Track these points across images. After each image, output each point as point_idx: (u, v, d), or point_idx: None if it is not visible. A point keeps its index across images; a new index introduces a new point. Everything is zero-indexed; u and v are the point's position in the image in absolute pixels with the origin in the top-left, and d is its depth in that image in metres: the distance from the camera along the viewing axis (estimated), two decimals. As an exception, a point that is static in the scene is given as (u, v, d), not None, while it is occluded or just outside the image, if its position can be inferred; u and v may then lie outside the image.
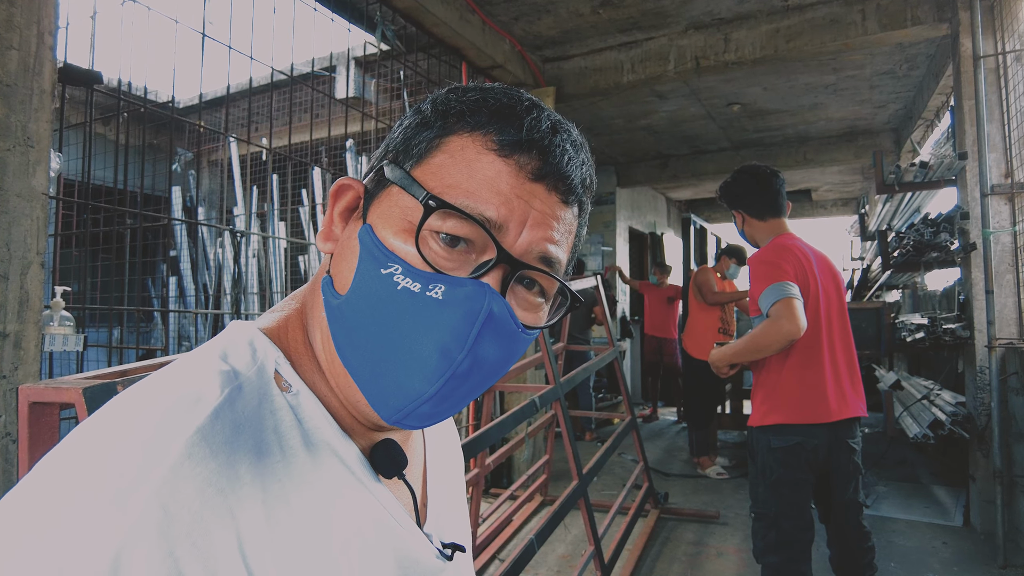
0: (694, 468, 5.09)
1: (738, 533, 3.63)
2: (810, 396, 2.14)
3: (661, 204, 9.51)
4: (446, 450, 0.69)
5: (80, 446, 0.40)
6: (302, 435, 0.47)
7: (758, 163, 2.41)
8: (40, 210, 1.82)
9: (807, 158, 6.76)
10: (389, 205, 0.49)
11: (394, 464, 0.52)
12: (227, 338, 0.50)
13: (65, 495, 0.37)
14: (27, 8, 1.78)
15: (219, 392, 0.43)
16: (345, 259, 0.49)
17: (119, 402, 0.42)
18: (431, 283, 0.45)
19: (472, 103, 0.50)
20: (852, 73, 4.81)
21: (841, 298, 2.28)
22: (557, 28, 4.16)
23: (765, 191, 2.32)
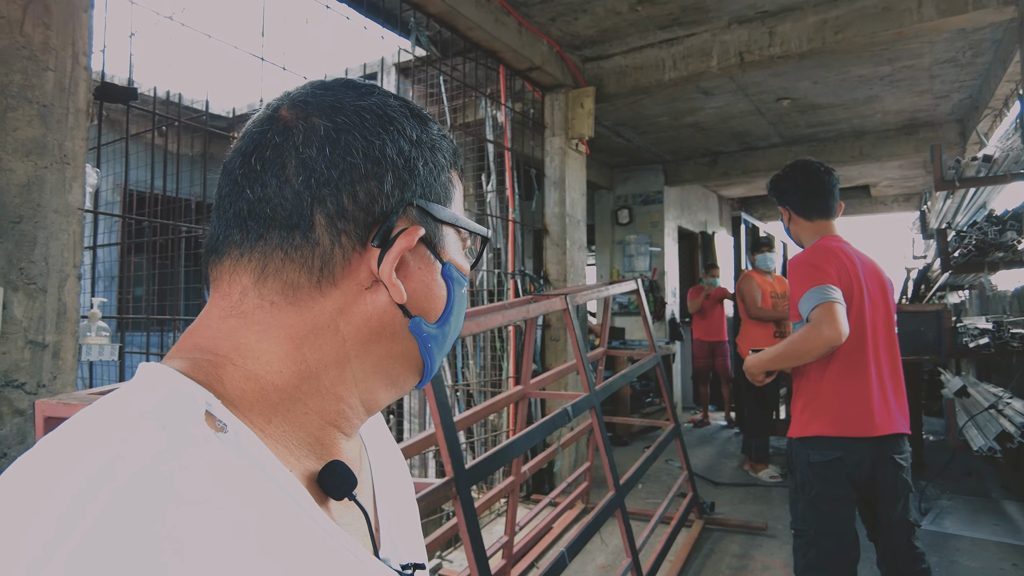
0: (744, 476, 4.95)
1: (786, 546, 3.48)
2: (853, 408, 2.03)
3: (712, 202, 9.28)
4: (390, 464, 0.68)
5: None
6: (241, 474, 0.45)
7: (812, 159, 2.29)
8: (76, 224, 1.88)
9: (863, 153, 6.47)
10: (452, 242, 0.58)
11: (343, 485, 0.51)
12: (143, 384, 0.47)
13: None
14: (63, 31, 1.84)
15: (150, 444, 0.40)
16: (436, 297, 0.56)
17: (27, 470, 0.39)
18: (466, 283, 0.60)
19: (443, 139, 0.59)
20: (909, 63, 4.57)
21: (888, 307, 2.15)
22: (595, 27, 4.09)
23: (814, 189, 2.23)
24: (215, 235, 0.53)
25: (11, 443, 1.74)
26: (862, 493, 2.08)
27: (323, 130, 0.50)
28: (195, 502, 0.40)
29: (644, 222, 7.73)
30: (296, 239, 0.49)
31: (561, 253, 4.48)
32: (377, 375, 0.55)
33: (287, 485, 0.48)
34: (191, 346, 0.51)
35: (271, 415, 0.50)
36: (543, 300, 2.69)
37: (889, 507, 2.05)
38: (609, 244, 7.93)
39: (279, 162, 0.50)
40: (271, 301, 0.50)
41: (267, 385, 0.50)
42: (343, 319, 0.52)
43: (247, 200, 0.50)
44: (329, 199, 0.49)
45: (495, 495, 2.85)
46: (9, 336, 1.72)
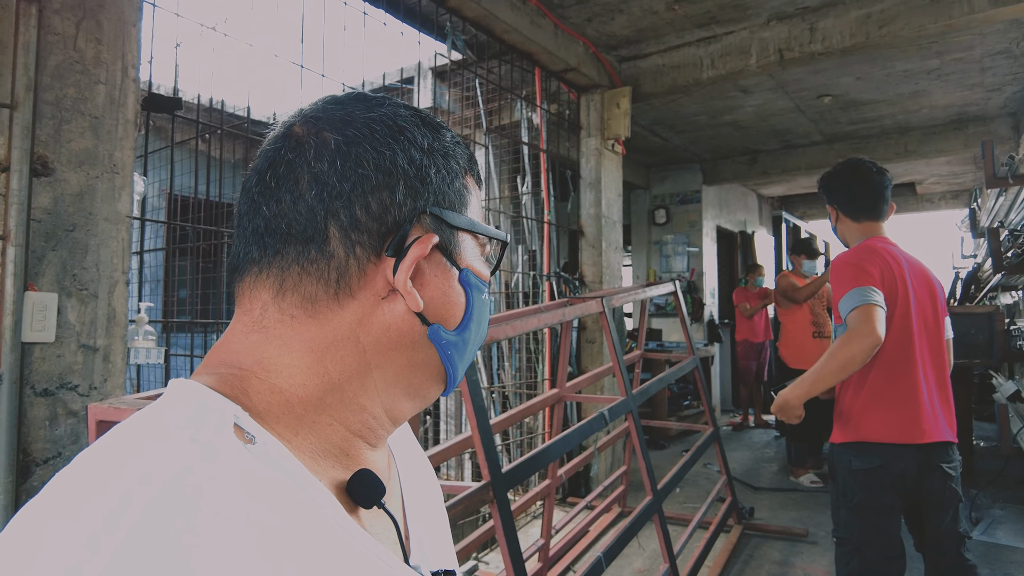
0: (784, 480, 4.86)
1: (828, 554, 3.41)
2: (898, 413, 1.97)
3: (752, 201, 9.12)
4: (418, 472, 0.68)
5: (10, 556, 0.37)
6: (271, 483, 0.46)
7: (864, 158, 2.22)
8: (124, 232, 1.94)
9: (908, 149, 6.28)
10: (470, 248, 0.58)
11: (372, 493, 0.52)
12: (173, 400, 0.48)
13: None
14: (113, 45, 1.90)
15: (179, 458, 0.41)
16: (454, 304, 0.57)
17: (62, 485, 0.40)
18: (486, 288, 0.60)
19: (456, 145, 0.59)
20: (959, 56, 4.42)
21: (937, 312, 2.08)
22: (631, 27, 4.06)
23: (863, 190, 2.18)
24: (236, 254, 0.54)
25: (65, 443, 1.80)
26: (907, 502, 2.02)
27: (334, 144, 0.51)
28: (224, 512, 0.41)
29: (681, 222, 7.64)
30: (311, 253, 0.50)
31: (597, 255, 4.45)
32: (399, 384, 0.55)
33: (316, 494, 0.48)
34: (217, 361, 0.53)
35: (297, 427, 0.50)
36: (579, 303, 2.68)
37: (937, 518, 1.98)
38: (646, 244, 7.86)
39: (292, 178, 0.51)
40: (291, 315, 0.51)
41: (292, 397, 0.51)
42: (362, 330, 0.52)
43: (263, 217, 0.51)
44: (342, 211, 0.50)
45: (531, 498, 2.85)
46: (63, 340, 1.79)
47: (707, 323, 7.60)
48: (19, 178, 1.64)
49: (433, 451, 2.02)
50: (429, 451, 2.01)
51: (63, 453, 1.80)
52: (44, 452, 1.77)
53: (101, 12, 1.85)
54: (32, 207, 1.71)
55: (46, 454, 1.77)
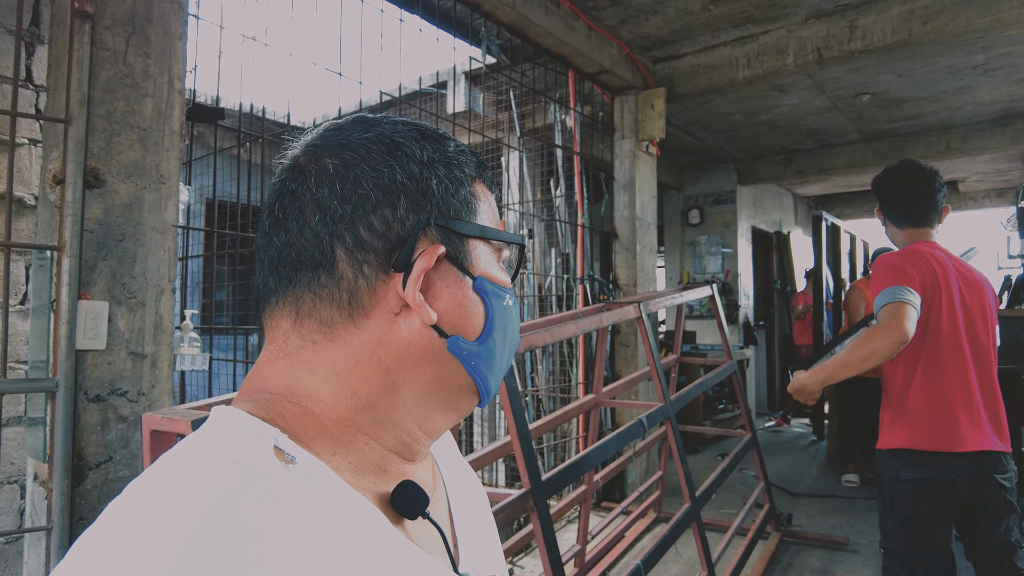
0: (823, 486, 4.78)
1: (870, 563, 3.33)
2: (941, 420, 1.92)
3: (787, 201, 8.97)
4: (463, 479, 0.69)
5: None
6: (313, 500, 0.47)
7: (913, 163, 2.14)
8: (171, 241, 1.99)
9: (951, 147, 6.11)
10: (481, 254, 0.57)
11: (416, 504, 0.53)
12: (215, 426, 0.49)
13: None
14: (160, 58, 1.94)
15: (220, 480, 0.43)
16: (471, 313, 0.56)
17: (118, 507, 0.42)
18: (511, 295, 0.59)
19: (461, 154, 0.59)
20: (1007, 50, 4.29)
21: (987, 319, 2.02)
22: (666, 28, 4.02)
23: (907, 197, 2.12)
24: (257, 286, 0.56)
25: (116, 447, 1.85)
26: (958, 512, 1.97)
27: (332, 168, 0.52)
28: (268, 530, 0.42)
29: (716, 222, 7.55)
30: (321, 277, 0.51)
31: (631, 257, 4.42)
32: (429, 399, 0.55)
33: (360, 508, 0.49)
34: (251, 389, 0.54)
35: (334, 447, 0.51)
36: (616, 308, 2.67)
37: (991, 529, 1.93)
38: (679, 245, 7.79)
39: (297, 207, 0.52)
40: (312, 340, 0.52)
41: (325, 419, 0.52)
42: (382, 348, 0.53)
43: (275, 247, 0.53)
44: (346, 233, 0.51)
45: (568, 504, 2.84)
46: (113, 348, 1.83)
47: (742, 325, 7.49)
48: (73, 190, 1.69)
49: (471, 457, 2.03)
50: (467, 457, 2.01)
51: (114, 457, 1.85)
52: (96, 456, 1.82)
53: (149, 27, 1.89)
54: (84, 218, 1.75)
55: (98, 458, 1.82)
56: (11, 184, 1.69)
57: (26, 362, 2.11)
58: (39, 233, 1.91)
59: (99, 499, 1.82)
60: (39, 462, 1.82)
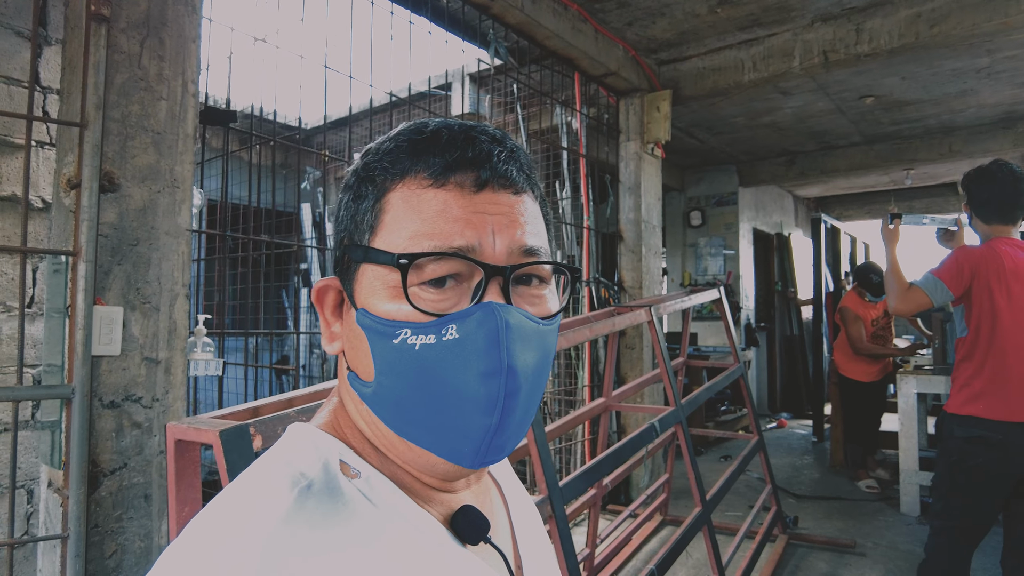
0: (827, 487, 4.78)
1: (878, 567, 3.33)
2: (1004, 392, 2.17)
3: (788, 203, 8.99)
4: (527, 508, 0.68)
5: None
6: (378, 518, 0.47)
7: (1006, 163, 2.34)
8: (185, 245, 1.97)
9: (953, 150, 6.13)
10: (368, 282, 0.50)
11: (477, 529, 0.52)
12: (288, 442, 0.51)
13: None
14: (174, 61, 1.93)
15: (289, 496, 0.44)
16: (358, 349, 0.50)
17: (198, 524, 0.44)
18: (442, 328, 0.46)
19: (389, 154, 0.51)
20: (1011, 53, 4.30)
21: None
22: (672, 30, 4.02)
23: (994, 195, 2.31)
24: None
25: (130, 454, 1.84)
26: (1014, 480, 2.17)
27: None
28: (322, 552, 0.42)
29: (717, 224, 7.55)
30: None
31: (636, 260, 4.42)
32: (387, 444, 0.52)
33: (423, 526, 0.49)
34: (332, 395, 0.58)
35: (386, 465, 0.52)
36: (628, 312, 2.66)
37: None
38: (680, 247, 7.79)
39: None
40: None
41: (368, 438, 0.53)
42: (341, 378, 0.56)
43: None
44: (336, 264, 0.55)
45: (579, 508, 2.84)
46: (128, 353, 1.82)
47: (744, 326, 7.50)
48: (89, 195, 1.67)
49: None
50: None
51: (128, 464, 1.84)
52: (111, 463, 1.80)
53: (164, 30, 1.88)
54: (100, 223, 1.74)
55: (113, 465, 1.81)
56: (27, 189, 1.67)
57: (34, 366, 2.09)
58: (52, 237, 1.89)
59: (113, 506, 1.80)
60: (53, 468, 1.81)
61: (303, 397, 1.42)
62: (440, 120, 0.53)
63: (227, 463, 1.13)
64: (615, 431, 4.38)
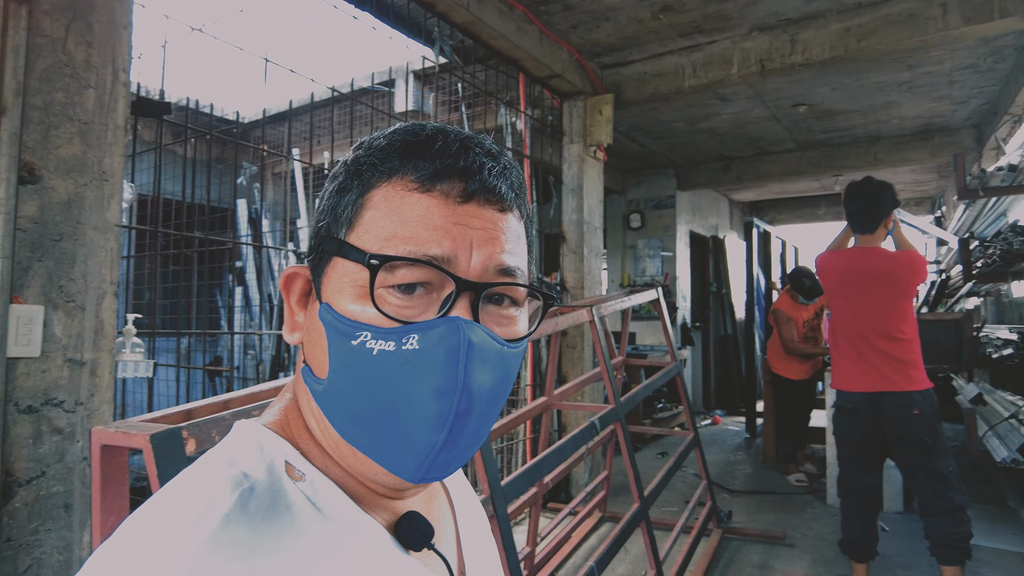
0: (759, 482, 4.95)
1: (806, 556, 3.48)
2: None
3: (724, 206, 9.26)
4: (474, 513, 0.68)
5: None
6: (322, 522, 0.47)
7: (861, 180, 2.81)
8: (114, 241, 1.88)
9: (878, 158, 6.44)
10: (338, 277, 0.49)
11: (420, 536, 0.52)
12: (233, 441, 0.50)
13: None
14: (103, 48, 1.84)
15: (229, 498, 0.43)
16: (315, 344, 0.49)
17: (133, 523, 0.42)
18: (403, 336, 0.45)
19: (380, 151, 0.50)
20: (929, 69, 4.55)
21: (888, 295, 2.69)
22: (616, 35, 4.08)
23: (848, 209, 2.79)
24: None
25: (50, 461, 1.74)
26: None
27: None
28: (257, 559, 0.41)
29: (656, 226, 7.72)
30: None
31: (579, 260, 4.47)
32: (333, 444, 0.51)
33: (367, 531, 0.49)
34: (286, 388, 0.56)
35: (331, 468, 0.51)
36: (570, 312, 2.68)
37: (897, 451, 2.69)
38: (620, 248, 7.92)
39: None
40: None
41: (316, 439, 0.52)
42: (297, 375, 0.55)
43: None
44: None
45: (520, 507, 2.85)
46: (49, 355, 1.72)
47: (680, 326, 7.69)
48: (6, 187, 1.58)
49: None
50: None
51: (47, 472, 1.74)
52: (28, 472, 1.70)
53: (92, 14, 1.79)
54: (18, 216, 1.64)
55: (29, 473, 1.71)
56: (-64, 179, 1.56)
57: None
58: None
59: (29, 518, 1.70)
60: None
61: (239, 399, 1.37)
62: (438, 125, 0.52)
63: (158, 469, 1.08)
64: (556, 429, 4.42)
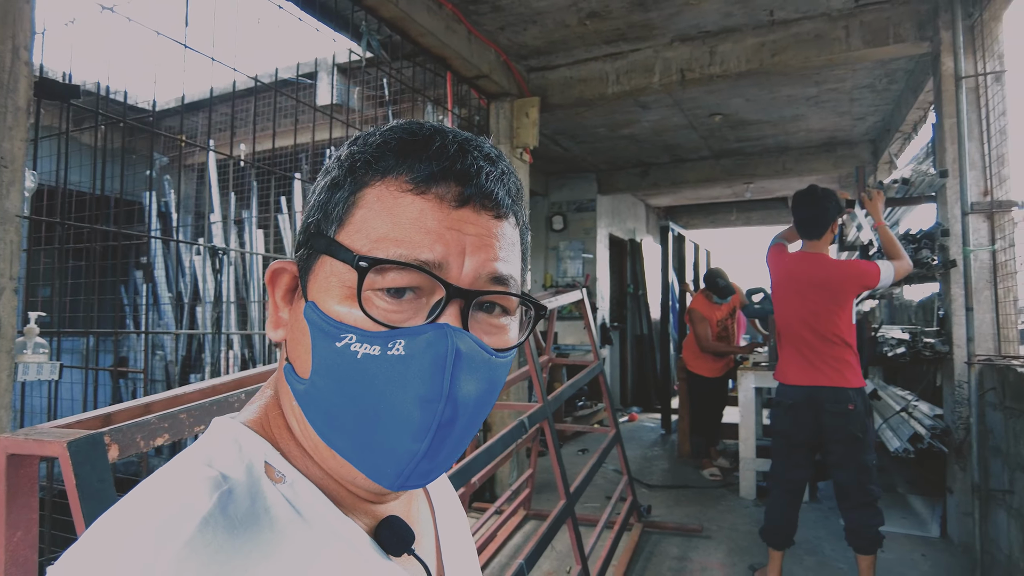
0: (675, 477, 5.14)
1: (722, 547, 3.64)
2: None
3: (641, 211, 9.54)
4: (454, 514, 0.68)
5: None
6: (302, 525, 0.46)
7: (804, 190, 2.93)
8: (14, 233, 1.74)
9: (786, 168, 6.82)
10: (325, 276, 0.47)
11: (400, 541, 0.51)
12: (211, 440, 0.48)
13: None
14: (2, 23, 1.70)
15: (208, 500, 0.41)
16: (299, 342, 0.48)
17: (105, 524, 0.40)
18: (389, 341, 0.44)
19: (376, 149, 0.49)
20: (834, 86, 4.86)
21: (826, 301, 2.83)
22: (543, 38, 4.13)
23: (794, 217, 2.97)
24: None
25: (-60, 471, 1.59)
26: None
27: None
28: (232, 563, 0.40)
29: (577, 229, 7.87)
30: None
31: (505, 261, 4.49)
32: (313, 445, 0.50)
33: (347, 536, 0.48)
34: (268, 384, 0.54)
35: (310, 467, 0.50)
36: (500, 312, 2.69)
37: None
38: (543, 250, 8.03)
39: None
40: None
41: (296, 439, 0.51)
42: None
43: None
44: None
45: (448, 507, 2.83)
46: (-60, 355, 1.58)
47: (599, 326, 7.87)
48: None
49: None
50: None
51: (-63, 482, 1.59)
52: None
53: (-8, -14, 1.65)
54: (-96, 203, 1.49)
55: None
56: None
57: None
58: None
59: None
60: None
61: (162, 403, 1.31)
62: (436, 125, 0.51)
63: (77, 478, 1.01)
64: (480, 430, 4.43)
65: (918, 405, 3.98)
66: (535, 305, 0.52)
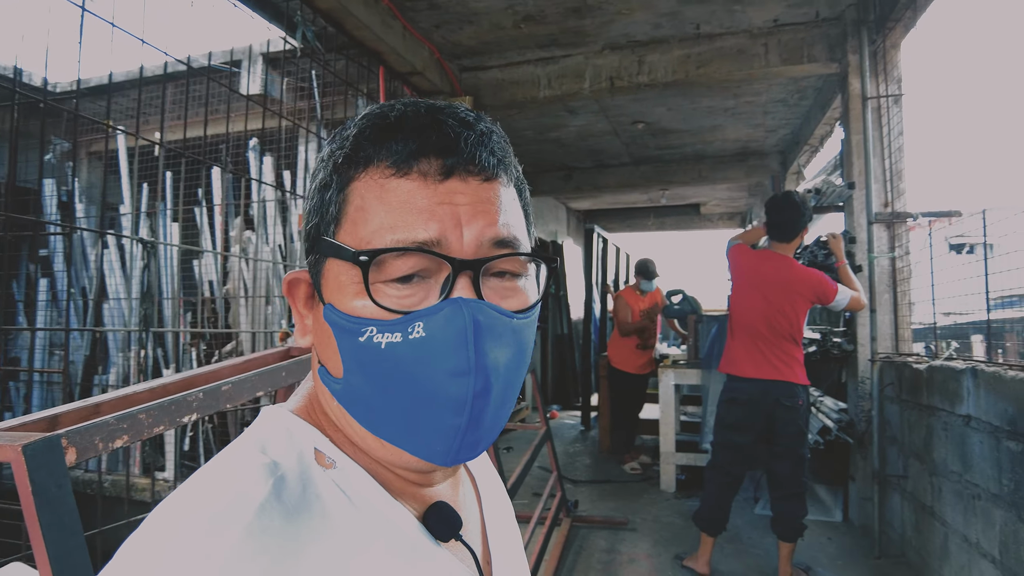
0: (598, 472, 5.28)
1: (647, 539, 3.77)
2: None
3: (562, 214, 9.73)
4: (499, 500, 0.68)
5: (130, 569, 0.38)
6: (352, 510, 0.47)
7: (779, 195, 3.03)
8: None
9: (702, 175, 7.14)
10: (335, 276, 0.48)
11: (449, 527, 0.52)
12: (263, 428, 0.50)
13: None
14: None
15: (264, 487, 0.42)
16: (327, 344, 0.49)
17: (163, 513, 0.41)
18: (408, 325, 0.45)
19: (352, 141, 0.49)
20: (750, 99, 5.14)
21: (781, 301, 2.99)
22: (477, 39, 4.15)
23: (769, 216, 3.04)
24: None
25: None
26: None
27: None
28: (304, 542, 0.42)
29: (502, 230, 7.91)
30: None
31: (436, 260, 4.47)
32: (361, 437, 0.51)
33: (397, 519, 0.49)
34: (307, 379, 0.55)
35: (358, 454, 0.51)
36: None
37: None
38: (468, 249, 8.04)
39: None
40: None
41: (343, 429, 0.52)
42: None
43: None
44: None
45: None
46: None
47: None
48: None
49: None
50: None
51: None
52: None
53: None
54: None
55: None
56: None
57: None
58: None
59: None
60: None
61: (111, 403, 1.24)
62: (407, 102, 0.50)
63: (33, 484, 0.95)
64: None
65: (824, 400, 4.28)
66: (544, 258, 0.52)
